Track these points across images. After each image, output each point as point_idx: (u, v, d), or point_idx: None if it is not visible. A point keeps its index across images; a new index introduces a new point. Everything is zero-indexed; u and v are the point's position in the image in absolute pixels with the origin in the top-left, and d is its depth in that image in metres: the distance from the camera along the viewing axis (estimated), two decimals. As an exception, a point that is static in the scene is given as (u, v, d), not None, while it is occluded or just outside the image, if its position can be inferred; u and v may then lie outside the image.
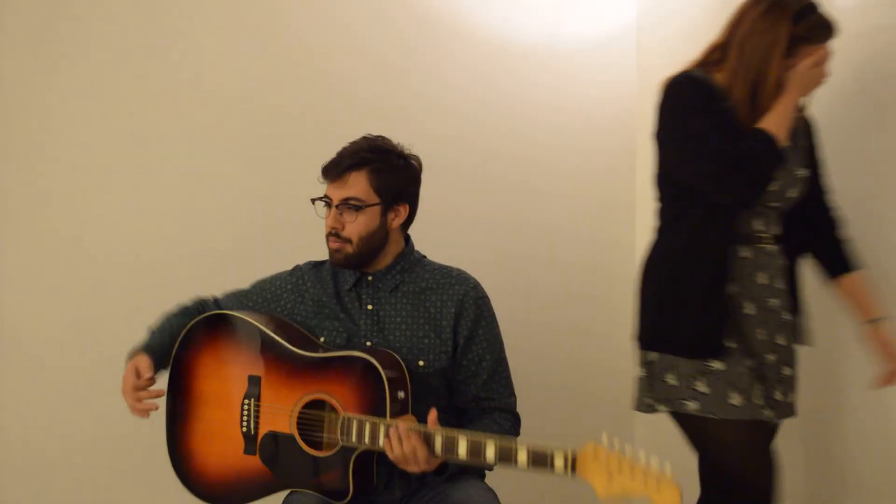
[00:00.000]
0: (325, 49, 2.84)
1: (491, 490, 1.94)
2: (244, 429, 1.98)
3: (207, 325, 2.07)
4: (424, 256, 2.16)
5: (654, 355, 2.02)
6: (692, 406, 1.93)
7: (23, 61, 2.57)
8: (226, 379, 2.02)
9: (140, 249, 2.66)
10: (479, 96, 3.02)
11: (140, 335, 2.09)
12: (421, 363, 1.98)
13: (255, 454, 1.96)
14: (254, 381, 1.98)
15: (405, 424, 1.76)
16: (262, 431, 1.96)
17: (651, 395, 2.02)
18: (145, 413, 1.98)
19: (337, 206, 1.99)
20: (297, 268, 2.18)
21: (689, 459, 2.06)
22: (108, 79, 2.64)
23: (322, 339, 2.04)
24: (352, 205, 1.98)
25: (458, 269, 2.11)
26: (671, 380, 1.97)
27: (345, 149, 2.03)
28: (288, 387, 1.94)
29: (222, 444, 2.01)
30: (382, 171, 2.01)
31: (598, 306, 3.20)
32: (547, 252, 3.13)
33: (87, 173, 2.63)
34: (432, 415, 1.79)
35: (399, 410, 1.84)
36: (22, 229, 2.58)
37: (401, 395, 1.85)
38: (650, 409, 2.02)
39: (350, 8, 2.88)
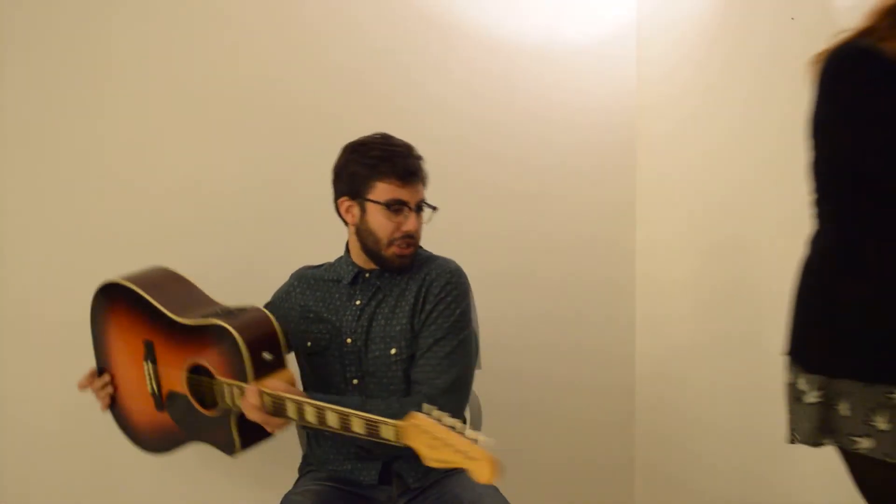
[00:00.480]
0: (323, 47, 2.83)
1: (498, 491, 1.96)
2: (150, 389, 2.12)
3: (106, 296, 2.18)
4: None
5: (822, 380, 1.67)
6: (864, 444, 1.60)
7: (27, 54, 2.56)
8: (128, 343, 2.14)
9: (146, 247, 2.65)
10: (478, 96, 3.02)
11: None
12: (393, 351, 2.02)
13: (164, 411, 2.10)
14: (148, 346, 2.09)
15: (252, 386, 1.82)
16: (165, 391, 2.09)
17: (817, 425, 1.68)
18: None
19: (416, 209, 2.03)
20: (291, 276, 2.25)
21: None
22: (113, 75, 2.62)
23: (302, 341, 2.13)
24: (423, 207, 2.06)
25: (445, 258, 2.15)
26: (844, 410, 1.63)
27: (399, 147, 2.04)
28: (174, 351, 2.03)
29: (140, 402, 2.15)
30: (424, 169, 2.09)
31: (597, 307, 3.24)
32: (546, 252, 3.14)
33: (92, 170, 2.62)
34: (273, 383, 1.85)
35: (266, 372, 1.89)
36: (25, 226, 2.57)
37: (266, 356, 1.89)
38: (811, 441, 1.70)
39: (351, 5, 2.87)
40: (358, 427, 1.69)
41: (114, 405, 2.22)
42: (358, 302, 2.07)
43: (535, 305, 3.11)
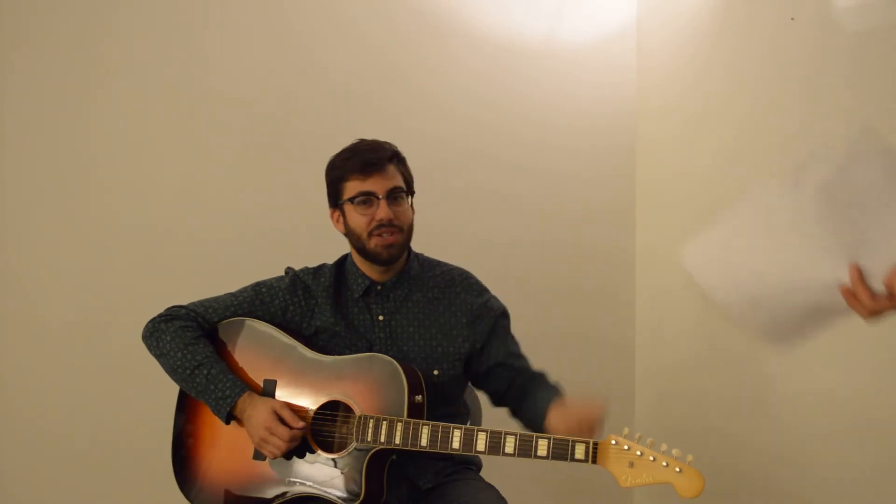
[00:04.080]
0: (321, 46, 2.82)
1: (500, 495, 1.98)
2: None
3: (218, 333, 2.07)
4: (421, 256, 2.17)
5: None
6: None
7: (28, 57, 2.55)
8: None
9: (144, 249, 2.65)
10: (477, 96, 3.01)
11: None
12: (436, 372, 2.03)
13: (263, 458, 1.95)
14: (269, 385, 1.99)
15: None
16: None
17: None
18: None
19: (387, 198, 1.98)
20: (295, 277, 2.12)
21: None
22: (110, 78, 2.61)
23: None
24: (399, 194, 2.01)
25: (461, 272, 2.16)
26: None
27: (363, 144, 2.04)
28: (303, 389, 1.96)
29: (230, 451, 1.99)
30: (403, 164, 2.06)
31: (596, 314, 3.23)
32: (543, 258, 3.13)
33: (93, 172, 2.62)
34: None
35: (416, 414, 1.87)
36: (25, 227, 2.56)
37: (418, 398, 1.89)
38: None
39: (349, 5, 2.84)
40: (542, 450, 1.72)
41: (185, 457, 2.03)
42: (381, 317, 2.07)
43: (532, 312, 3.02)
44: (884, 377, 2.33)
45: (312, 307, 2.08)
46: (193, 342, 1.99)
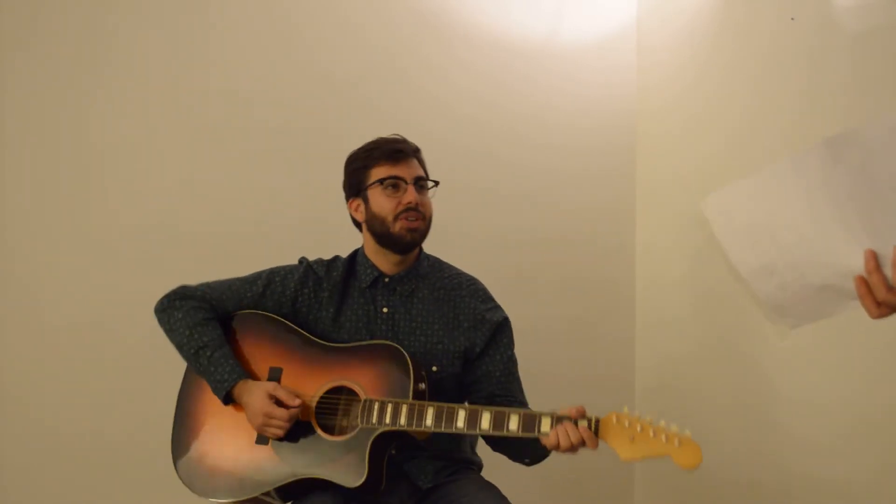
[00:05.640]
0: (322, 46, 2.84)
1: (501, 494, 1.97)
2: None
3: (226, 322, 2.09)
4: (432, 257, 2.18)
5: None
6: None
7: (25, 60, 2.56)
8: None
9: (145, 249, 2.65)
10: (477, 96, 3.04)
11: (143, 332, 2.07)
12: (434, 369, 2.03)
13: (266, 443, 1.95)
14: (274, 373, 2.00)
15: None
16: None
17: None
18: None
19: (414, 184, 2.03)
20: (308, 269, 2.14)
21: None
22: (111, 77, 2.63)
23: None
24: (424, 184, 2.07)
25: (469, 278, 2.17)
26: None
27: (387, 138, 2.09)
28: (308, 376, 1.97)
29: (232, 437, 1.99)
30: (423, 162, 2.12)
31: (597, 310, 3.24)
32: (545, 255, 3.15)
33: (91, 171, 2.62)
34: None
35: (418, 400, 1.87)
36: (26, 226, 2.56)
37: (422, 386, 1.89)
38: None
39: (350, 6, 2.87)
40: (546, 426, 1.73)
41: (185, 443, 2.03)
42: (385, 310, 2.07)
43: (534, 308, 3.09)
44: (883, 375, 2.32)
45: (321, 300, 2.10)
46: (203, 323, 2.02)
